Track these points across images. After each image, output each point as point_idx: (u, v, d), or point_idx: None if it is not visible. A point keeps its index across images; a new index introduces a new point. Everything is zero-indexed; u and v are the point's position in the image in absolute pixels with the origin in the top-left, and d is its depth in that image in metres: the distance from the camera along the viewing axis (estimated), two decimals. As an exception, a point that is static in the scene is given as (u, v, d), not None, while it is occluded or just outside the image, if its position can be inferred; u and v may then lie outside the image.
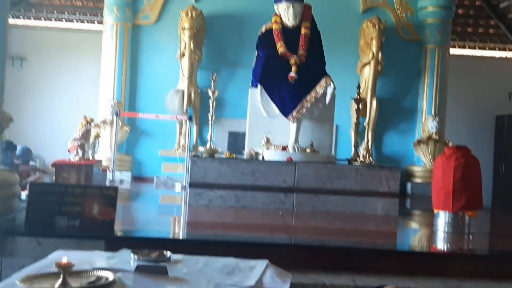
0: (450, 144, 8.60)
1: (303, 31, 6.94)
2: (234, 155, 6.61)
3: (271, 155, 6.34)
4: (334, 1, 9.10)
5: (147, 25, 9.08)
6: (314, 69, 6.81)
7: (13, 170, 4.17)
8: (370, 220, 5.81)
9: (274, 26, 7.01)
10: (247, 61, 8.98)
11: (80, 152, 6.07)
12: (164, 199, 7.74)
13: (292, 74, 6.57)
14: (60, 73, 10.87)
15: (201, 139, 9.17)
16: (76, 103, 10.18)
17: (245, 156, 6.58)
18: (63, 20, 11.55)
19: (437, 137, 8.73)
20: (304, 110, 6.56)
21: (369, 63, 8.67)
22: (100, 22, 11.86)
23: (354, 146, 7.05)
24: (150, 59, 9.11)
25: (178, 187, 8.07)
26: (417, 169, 8.87)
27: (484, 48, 11.30)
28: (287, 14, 6.93)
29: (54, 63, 10.70)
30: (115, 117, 8.17)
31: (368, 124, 8.78)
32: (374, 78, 8.66)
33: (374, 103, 8.70)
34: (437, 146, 8.72)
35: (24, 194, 4.56)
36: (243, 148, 8.90)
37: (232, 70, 9.12)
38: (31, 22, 11.26)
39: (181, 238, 4.29)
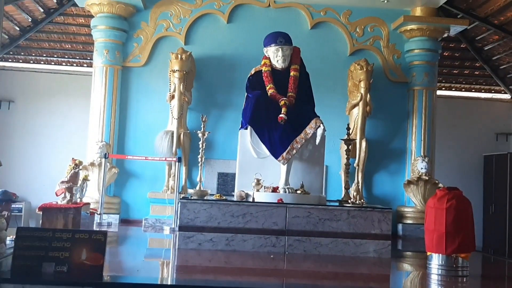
0: (440, 185, 8.65)
1: (292, 73, 7.00)
2: (224, 197, 6.54)
3: (261, 196, 6.28)
4: (321, 43, 9.25)
5: (137, 67, 9.13)
6: (304, 110, 6.84)
7: (3, 215, 4.07)
8: (363, 263, 5.73)
9: (264, 69, 7.07)
10: (236, 103, 9.04)
11: (68, 195, 5.98)
12: (153, 243, 7.62)
13: (282, 115, 6.58)
14: (48, 115, 10.84)
15: (190, 181, 9.12)
16: (64, 145, 10.12)
17: (235, 198, 6.50)
18: (52, 62, 11.62)
19: (426, 178, 8.74)
20: (294, 151, 6.55)
21: (357, 104, 8.74)
22: (89, 65, 11.95)
23: (344, 187, 7.02)
24: (140, 101, 9.12)
25: (167, 230, 7.96)
26: (407, 210, 8.85)
27: (470, 90, 11.53)
28: (276, 57, 7.00)
29: (43, 105, 10.69)
30: (103, 159, 8.12)
31: (358, 165, 8.79)
32: (363, 119, 8.72)
33: (364, 144, 8.74)
34: (427, 187, 8.73)
35: (8, 239, 4.45)
36: (233, 189, 8.87)
37: (221, 112, 9.15)
38: (20, 65, 11.30)
39: (169, 283, 4.17)
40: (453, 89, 11.39)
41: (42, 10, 10.02)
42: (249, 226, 5.88)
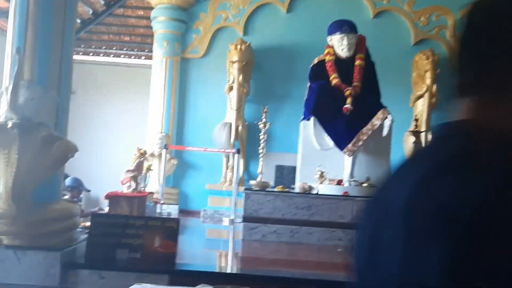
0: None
1: (357, 62, 6.79)
2: (287, 189, 6.41)
3: (325, 189, 6.11)
4: (384, 33, 8.94)
5: (196, 58, 9.10)
6: (370, 100, 6.62)
7: (74, 201, 4.07)
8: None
9: (327, 58, 6.88)
10: (295, 94, 8.88)
11: (133, 184, 5.96)
12: (213, 233, 7.56)
13: (347, 105, 6.39)
14: (107, 107, 11.01)
15: (248, 173, 9.04)
16: (123, 137, 10.24)
17: (297, 190, 6.36)
18: (111, 55, 11.79)
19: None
20: (360, 143, 6.34)
21: (423, 95, 8.42)
22: (147, 57, 12.06)
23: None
24: (198, 92, 9.10)
25: (226, 221, 7.90)
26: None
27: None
28: (341, 45, 6.80)
29: (102, 97, 10.86)
30: (163, 150, 8.13)
31: (421, 159, 8.46)
32: (429, 111, 8.39)
33: (429, 137, 8.38)
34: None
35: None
36: (291, 182, 8.73)
37: (280, 103, 9.00)
38: (80, 57, 11.50)
39: (248, 273, 4.05)
40: None
41: (103, 2, 10.14)
42: (314, 218, 5.72)
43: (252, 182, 6.59)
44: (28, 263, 3.46)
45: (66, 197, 6.50)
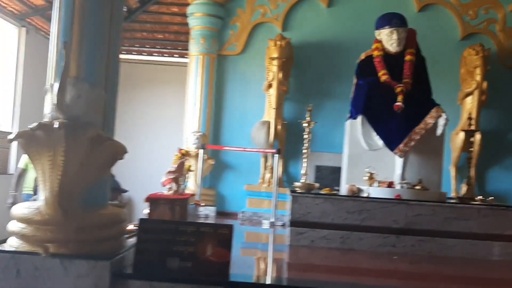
0: None
1: (407, 57, 6.42)
2: (334, 191, 6.09)
3: (376, 192, 5.78)
4: (430, 27, 8.53)
5: (233, 55, 8.83)
6: (422, 98, 6.26)
7: (122, 205, 3.83)
8: (495, 267, 5.11)
9: (375, 53, 6.53)
10: (337, 93, 8.57)
11: (175, 186, 5.72)
12: (253, 237, 7.28)
13: (399, 103, 6.03)
14: (141, 106, 10.84)
15: (287, 174, 8.74)
16: (159, 137, 10.06)
17: (345, 193, 6.03)
18: (144, 53, 11.61)
19: (548, 174, 7.88)
20: (412, 143, 5.98)
21: (472, 93, 7.99)
22: (180, 55, 11.85)
23: (467, 183, 6.37)
24: (235, 90, 8.83)
25: (266, 224, 7.62)
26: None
27: None
28: (390, 40, 6.44)
29: (136, 95, 10.68)
30: (201, 150, 7.89)
31: (471, 159, 8.02)
32: (478, 109, 7.96)
33: (478, 136, 7.97)
34: (549, 184, 7.88)
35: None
36: (333, 183, 8.39)
37: (320, 102, 8.66)
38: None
39: (305, 285, 3.74)
40: None
41: (137, -1, 9.96)
42: (366, 223, 5.40)
43: (297, 184, 6.29)
44: (75, 273, 3.23)
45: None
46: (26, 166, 7.45)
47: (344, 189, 6.23)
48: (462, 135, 8.01)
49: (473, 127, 6.98)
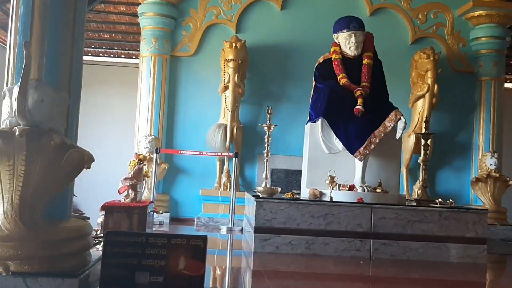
0: (511, 182, 8.07)
1: (365, 61, 6.46)
2: (296, 195, 6.03)
3: (338, 195, 5.75)
4: (381, 31, 8.54)
5: (186, 57, 8.62)
6: (380, 101, 6.30)
7: (86, 217, 3.58)
8: (457, 269, 5.19)
9: (334, 56, 6.53)
10: (291, 95, 8.57)
11: (132, 193, 5.48)
12: (210, 243, 7.11)
13: (359, 107, 6.04)
14: (87, 109, 10.40)
15: (242, 177, 8.63)
16: (108, 141, 9.68)
17: (306, 197, 5.98)
18: (89, 53, 11.20)
19: (497, 175, 8.15)
20: (372, 146, 6.00)
21: (423, 96, 8.16)
22: (127, 56, 11.50)
23: (423, 186, 6.47)
24: (189, 93, 8.62)
25: (223, 230, 7.47)
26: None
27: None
28: (348, 43, 6.45)
29: (87, 98, 10.24)
30: (154, 154, 7.64)
31: (422, 161, 8.16)
32: (429, 112, 8.13)
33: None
34: (497, 184, 8.16)
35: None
36: (290, 186, 8.36)
37: (275, 104, 8.54)
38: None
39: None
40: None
41: (83, -2, 9.54)
42: (331, 228, 5.36)
43: (259, 188, 6.18)
44: (39, 292, 2.97)
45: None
46: None
47: (305, 192, 6.17)
48: (413, 137, 8.18)
49: (428, 130, 7.09)
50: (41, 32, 3.21)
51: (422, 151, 6.98)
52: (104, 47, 11.24)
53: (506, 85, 9.42)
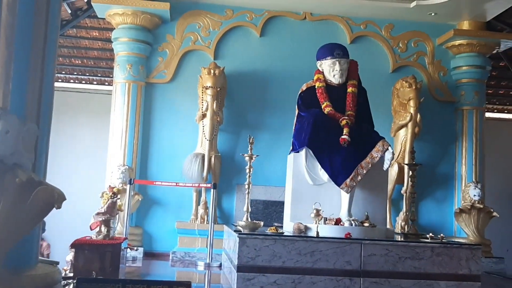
0: (494, 214, 7.92)
1: (350, 89, 6.25)
2: (280, 230, 5.70)
3: (325, 230, 5.45)
4: (361, 59, 8.24)
5: (162, 83, 8.30)
6: (366, 131, 6.08)
7: (54, 262, 3.19)
8: (451, 308, 4.93)
9: (318, 84, 6.30)
10: (269, 124, 8.34)
11: (105, 229, 5.09)
12: (191, 281, 6.69)
13: (345, 136, 5.80)
14: (62, 138, 9.95)
15: (220, 208, 8.26)
16: (79, 171, 9.22)
17: (291, 231, 5.67)
18: (59, 80, 10.80)
19: (480, 206, 7.98)
20: (359, 177, 5.74)
21: (406, 125, 7.98)
22: (99, 82, 11.13)
23: (410, 219, 6.23)
24: (164, 121, 8.27)
25: (201, 266, 7.07)
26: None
27: (503, 111, 10.92)
28: (332, 71, 6.25)
29: (57, 127, 9.79)
30: (128, 185, 7.24)
31: (406, 192, 7.96)
32: (412, 141, 7.95)
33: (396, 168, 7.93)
34: (481, 216, 7.98)
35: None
36: (270, 218, 8.04)
37: (253, 133, 8.26)
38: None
39: None
40: (495, 110, 10.80)
41: (54, 22, 9.19)
42: (318, 266, 5.04)
43: (241, 222, 5.84)
44: None
45: None
46: None
47: (289, 227, 5.86)
48: (396, 167, 7.97)
49: (410, 161, 6.89)
50: (7, 54, 2.86)
51: (409, 182, 6.76)
52: (75, 73, 10.85)
53: (487, 114, 9.34)
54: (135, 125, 8.01)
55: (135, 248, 6.65)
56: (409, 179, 6.70)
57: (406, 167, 7.72)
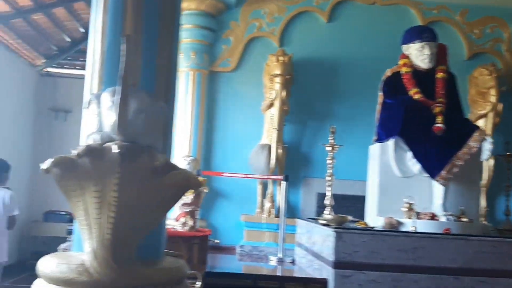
0: None
1: (439, 74, 5.85)
2: (368, 225, 5.36)
3: (421, 225, 5.08)
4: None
5: (226, 72, 8.02)
6: (460, 119, 5.69)
7: (180, 254, 2.90)
8: None
9: (404, 70, 5.91)
10: (338, 113, 7.95)
11: (191, 221, 4.81)
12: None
13: (440, 125, 5.41)
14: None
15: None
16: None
17: (381, 227, 5.31)
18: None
19: None
20: (455, 169, 5.36)
21: (486, 115, 7.53)
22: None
23: (505, 214, 5.82)
24: (228, 110, 7.99)
25: (273, 260, 6.76)
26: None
27: None
28: (421, 55, 5.84)
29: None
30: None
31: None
32: (492, 132, 7.49)
33: (492, 160, 7.49)
34: None
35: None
36: (343, 214, 7.69)
37: (320, 123, 7.97)
38: (78, 72, 10.25)
39: None
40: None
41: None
42: (420, 263, 4.67)
43: (327, 216, 5.51)
44: None
45: None
46: None
47: (376, 221, 5.50)
48: (491, 161, 7.51)
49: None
50: (135, 25, 2.58)
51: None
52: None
53: None
54: (199, 114, 7.74)
55: (216, 241, 6.39)
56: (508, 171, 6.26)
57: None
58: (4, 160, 5.72)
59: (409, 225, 5.13)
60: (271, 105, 7.50)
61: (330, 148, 5.90)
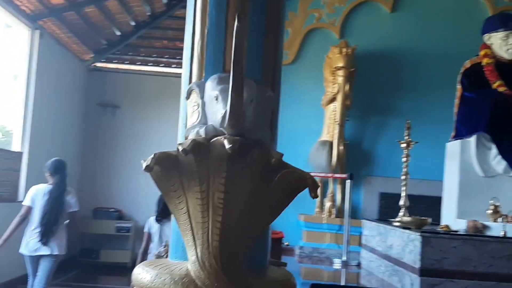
0: None
1: (526, 66, 5.40)
2: (450, 228, 4.95)
3: (507, 230, 4.66)
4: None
5: (284, 65, 7.62)
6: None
7: (283, 264, 2.58)
8: None
9: (486, 60, 5.49)
10: (402, 108, 7.53)
11: (263, 223, 4.49)
12: (318, 279, 6.05)
13: (530, 120, 4.97)
14: (156, 122, 9.53)
15: (343, 202, 7.57)
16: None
17: (464, 231, 4.91)
18: (161, 64, 10.38)
19: None
20: (546, 169, 4.91)
21: None
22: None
23: None
24: (286, 105, 7.52)
25: (338, 263, 6.42)
26: None
27: None
28: (505, 45, 5.41)
29: (151, 111, 9.39)
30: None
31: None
32: None
33: None
34: None
35: None
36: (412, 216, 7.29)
37: (383, 119, 7.60)
38: (126, 66, 10.08)
39: None
40: None
41: (165, 1, 8.75)
42: (516, 271, 4.26)
43: (404, 218, 5.13)
44: None
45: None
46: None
47: (457, 224, 5.10)
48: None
49: None
50: (241, 4, 2.27)
51: None
52: (178, 57, 10.39)
53: None
54: (257, 109, 7.42)
55: (286, 243, 6.08)
56: None
57: None
58: (61, 159, 5.47)
59: (497, 229, 4.72)
60: (333, 99, 7.15)
61: (405, 145, 5.51)
